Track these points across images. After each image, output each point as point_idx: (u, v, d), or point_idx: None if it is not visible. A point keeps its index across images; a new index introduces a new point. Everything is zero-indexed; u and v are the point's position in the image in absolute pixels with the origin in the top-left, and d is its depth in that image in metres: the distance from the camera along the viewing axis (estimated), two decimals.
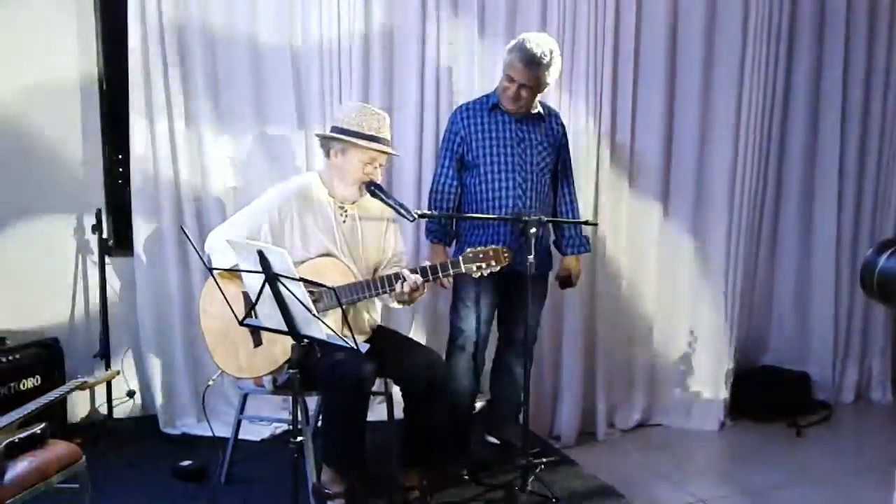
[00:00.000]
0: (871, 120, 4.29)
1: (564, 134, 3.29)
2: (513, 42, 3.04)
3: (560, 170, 3.28)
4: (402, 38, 3.62)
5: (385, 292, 2.68)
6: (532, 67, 2.96)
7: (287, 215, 2.75)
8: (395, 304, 2.83)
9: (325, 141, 2.81)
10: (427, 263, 2.74)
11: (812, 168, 4.28)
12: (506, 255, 2.69)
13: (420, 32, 3.60)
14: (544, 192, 3.20)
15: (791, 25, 4.05)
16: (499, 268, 2.69)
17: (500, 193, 3.11)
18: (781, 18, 3.96)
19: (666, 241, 3.96)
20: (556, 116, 3.29)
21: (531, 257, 2.80)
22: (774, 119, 4.05)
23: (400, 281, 2.64)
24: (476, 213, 3.14)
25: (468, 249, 2.68)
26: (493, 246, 2.70)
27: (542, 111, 3.20)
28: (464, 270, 2.67)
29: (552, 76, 3.04)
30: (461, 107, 3.21)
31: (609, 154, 3.73)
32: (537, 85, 3.03)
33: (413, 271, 2.66)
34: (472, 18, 3.64)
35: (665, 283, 3.98)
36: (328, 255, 2.76)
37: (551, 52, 2.99)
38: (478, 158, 3.12)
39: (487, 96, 3.19)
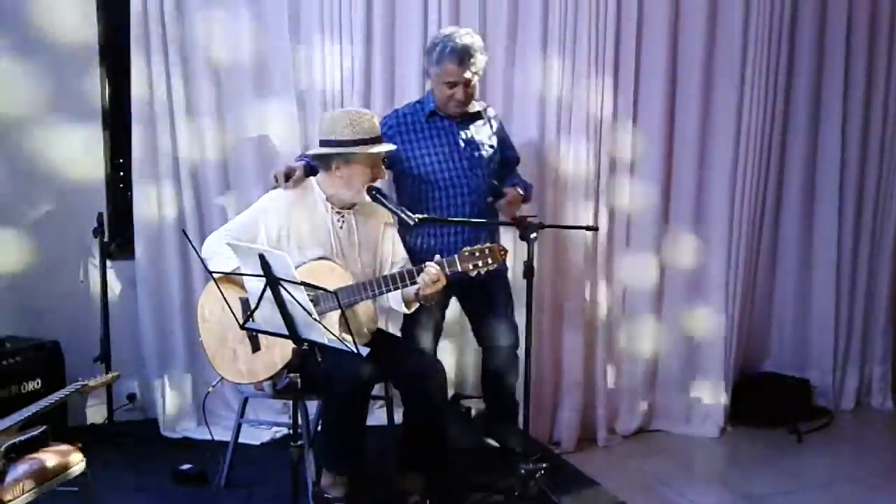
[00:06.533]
0: (873, 125, 4.27)
1: (501, 125, 3.27)
2: (434, 51, 2.98)
3: (502, 155, 3.24)
4: (404, 40, 3.61)
5: (390, 290, 2.67)
6: (467, 60, 2.94)
7: (284, 220, 2.75)
8: (403, 309, 2.82)
9: (325, 157, 2.76)
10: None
11: (812, 174, 4.27)
12: (502, 253, 2.67)
13: (421, 34, 3.58)
14: (493, 187, 3.17)
15: (792, 27, 4.05)
16: (496, 266, 2.67)
17: (455, 201, 3.06)
18: (783, 21, 3.96)
19: (666, 246, 3.95)
20: (489, 109, 3.24)
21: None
22: (775, 123, 4.04)
23: (422, 274, 2.62)
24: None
25: (464, 248, 2.66)
26: (490, 244, 2.68)
27: (479, 109, 3.15)
28: (460, 269, 2.64)
29: (485, 58, 3.03)
30: (393, 116, 3.12)
31: (609, 157, 3.73)
32: (475, 74, 3.01)
33: (419, 270, 2.65)
34: (474, 23, 3.63)
35: (665, 289, 3.98)
36: (324, 258, 2.75)
37: (471, 36, 2.97)
38: (428, 175, 3.05)
39: (420, 103, 3.13)
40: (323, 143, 2.75)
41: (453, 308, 3.38)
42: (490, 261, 2.64)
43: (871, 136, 4.29)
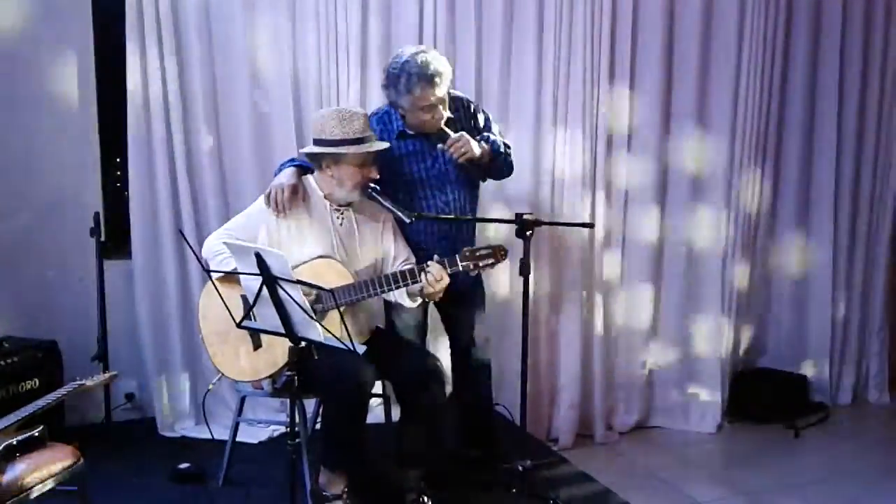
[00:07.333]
0: (868, 120, 4.28)
1: (475, 113, 3.04)
2: (399, 82, 2.78)
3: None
4: (400, 40, 3.61)
5: (391, 289, 2.66)
6: (437, 79, 2.77)
7: (284, 219, 2.75)
8: (408, 303, 2.81)
9: (316, 156, 2.76)
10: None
11: (809, 170, 4.28)
12: (502, 252, 2.67)
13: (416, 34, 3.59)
14: (474, 181, 3.10)
15: (787, 24, 4.05)
16: (496, 265, 2.66)
17: (439, 210, 2.97)
18: (778, 17, 3.97)
19: (663, 243, 3.96)
20: (459, 100, 3.02)
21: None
22: (771, 118, 4.05)
23: (424, 273, 2.61)
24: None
25: (465, 248, 2.66)
26: (490, 245, 2.67)
27: (449, 113, 2.95)
28: (461, 268, 2.64)
29: (450, 68, 2.86)
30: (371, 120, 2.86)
31: (606, 155, 3.73)
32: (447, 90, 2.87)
33: (420, 269, 2.65)
34: (471, 25, 3.63)
35: (662, 285, 3.98)
36: (325, 256, 2.75)
37: (427, 52, 2.82)
38: (407, 197, 2.93)
39: (388, 114, 2.96)
40: (315, 143, 2.76)
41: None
42: (491, 260, 2.64)
43: (866, 132, 4.29)
